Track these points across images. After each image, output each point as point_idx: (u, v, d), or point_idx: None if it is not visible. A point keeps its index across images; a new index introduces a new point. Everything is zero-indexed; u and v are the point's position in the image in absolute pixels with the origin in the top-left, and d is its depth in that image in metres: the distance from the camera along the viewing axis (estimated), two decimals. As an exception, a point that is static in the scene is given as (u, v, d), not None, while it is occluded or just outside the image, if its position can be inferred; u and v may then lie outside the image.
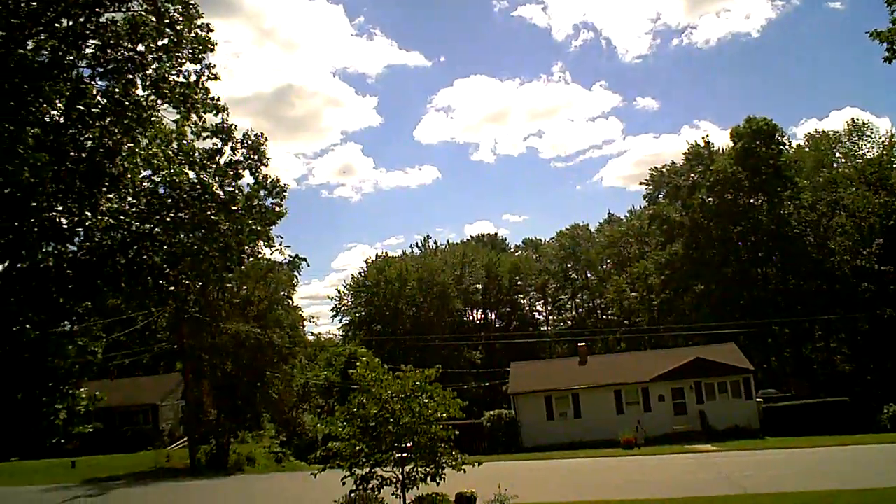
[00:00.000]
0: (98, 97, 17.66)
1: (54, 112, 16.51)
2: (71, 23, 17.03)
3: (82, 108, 17.51)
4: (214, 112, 17.80)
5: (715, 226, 68.22)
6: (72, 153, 17.18)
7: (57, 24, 16.30)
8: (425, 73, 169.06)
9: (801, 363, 66.45)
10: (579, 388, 46.91)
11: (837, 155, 73.05)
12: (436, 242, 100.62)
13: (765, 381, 57.93)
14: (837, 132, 74.04)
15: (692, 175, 72.74)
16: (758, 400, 45.70)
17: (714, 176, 68.37)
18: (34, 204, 16.41)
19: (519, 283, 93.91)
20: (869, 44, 23.34)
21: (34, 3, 15.74)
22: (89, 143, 17.75)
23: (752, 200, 68.45)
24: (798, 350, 66.92)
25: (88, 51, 17.40)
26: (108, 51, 17.32)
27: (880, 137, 69.35)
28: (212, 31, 17.38)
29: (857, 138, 71.32)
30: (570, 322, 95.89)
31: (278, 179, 19.22)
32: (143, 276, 18.34)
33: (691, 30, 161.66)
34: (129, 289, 18.15)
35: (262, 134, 18.44)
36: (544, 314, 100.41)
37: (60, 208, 17.75)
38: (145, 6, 16.97)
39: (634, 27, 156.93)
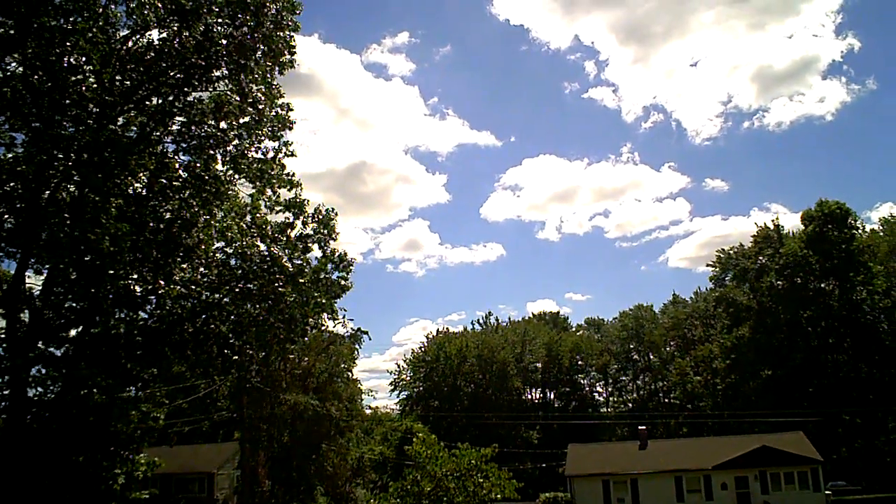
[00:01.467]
0: (180, 171, 18.33)
1: (137, 185, 17.17)
2: (160, 101, 17.82)
3: (164, 181, 18.16)
4: (288, 187, 18.33)
5: (783, 310, 66.14)
6: (150, 224, 17.74)
7: (147, 102, 17.08)
8: (495, 152, 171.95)
9: (872, 455, 62.94)
10: (638, 473, 45.26)
11: (913, 240, 70.57)
12: (497, 319, 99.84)
13: (834, 473, 54.96)
14: (914, 216, 71.74)
15: (760, 258, 71.01)
16: (826, 492, 43.31)
17: (784, 259, 66.66)
18: (111, 272, 16.91)
19: (580, 362, 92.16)
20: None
21: (127, 83, 16.59)
22: (168, 214, 18.34)
23: (822, 285, 66.32)
24: (870, 441, 63.48)
25: (174, 127, 18.17)
26: (193, 127, 18.07)
27: (957, 224, 66.96)
28: (291, 110, 18.07)
29: (933, 224, 69.03)
30: (630, 404, 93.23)
31: (345, 254, 19.53)
32: (209, 345, 18.63)
33: (763, 112, 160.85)
34: (194, 357, 18.46)
35: (332, 209, 18.85)
36: (604, 395, 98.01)
37: (135, 276, 18.24)
38: (230, 86, 17.72)
39: (705, 109, 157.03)
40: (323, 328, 19.34)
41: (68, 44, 16.07)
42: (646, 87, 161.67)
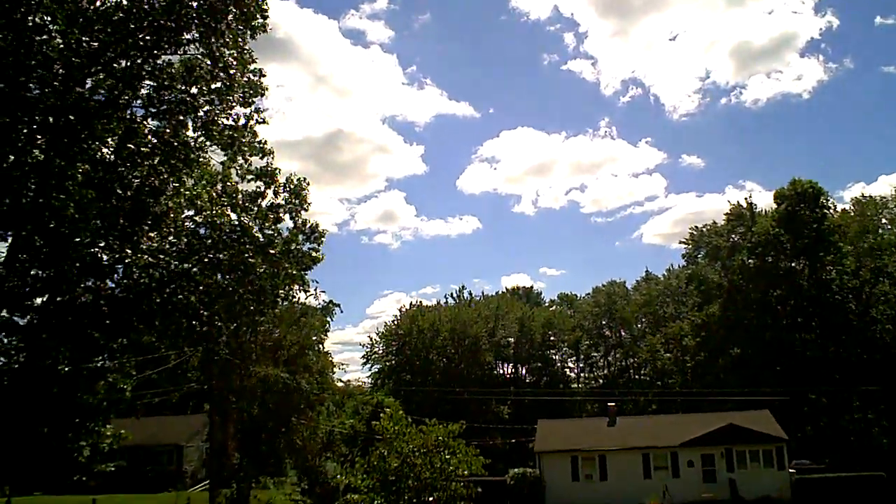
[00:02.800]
0: (149, 137, 17.91)
1: (105, 150, 16.72)
2: (129, 64, 17.32)
3: (132, 147, 17.71)
4: (260, 155, 17.99)
5: (754, 289, 66.85)
6: (118, 191, 17.32)
7: (115, 65, 16.61)
8: (472, 123, 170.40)
9: (837, 434, 64.24)
10: (607, 449, 45.69)
11: (884, 221, 71.51)
12: (471, 294, 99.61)
13: (799, 451, 55.98)
14: (884, 197, 72.33)
15: (733, 236, 71.66)
16: (791, 470, 44.06)
17: (755, 238, 67.24)
18: (77, 240, 16.50)
19: (552, 338, 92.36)
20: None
21: (95, 45, 16.08)
22: (136, 181, 17.91)
23: (793, 264, 67.10)
24: (835, 420, 64.75)
25: (143, 91, 17.71)
26: (163, 92, 17.62)
27: (928, 204, 68.00)
28: (264, 76, 17.67)
29: (903, 204, 69.97)
30: (601, 380, 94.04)
31: (317, 225, 19.28)
32: (178, 316, 18.33)
33: (740, 90, 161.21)
34: (162, 327, 18.14)
35: (304, 178, 18.54)
36: (576, 371, 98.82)
37: (102, 245, 17.83)
38: (201, 50, 17.28)
39: (683, 85, 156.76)
40: (294, 300, 19.13)
41: (33, 1, 15.52)
42: (625, 61, 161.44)
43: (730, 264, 68.99)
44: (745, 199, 77.34)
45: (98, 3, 16.87)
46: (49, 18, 15.58)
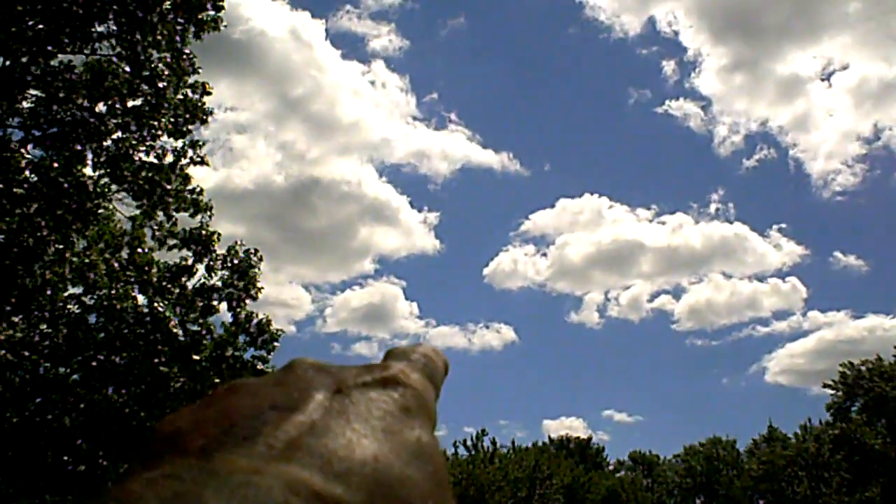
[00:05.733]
0: (25, 172, 12.51)
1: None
2: (7, 62, 12.07)
3: (1, 186, 12.28)
4: (192, 211, 12.56)
5: None
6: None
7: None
8: (516, 184, 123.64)
9: None
10: None
11: None
12: (494, 443, 76.80)
13: None
14: None
15: None
16: None
17: None
18: None
19: None
20: None
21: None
22: (1, 237, 12.44)
23: None
24: None
25: (25, 104, 12.40)
26: (54, 108, 12.32)
27: None
28: (209, 93, 12.26)
29: None
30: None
31: (268, 321, 13.81)
32: (42, 448, 12.54)
33: None
34: (13, 469, 12.15)
35: (255, 250, 13.15)
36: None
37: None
38: (118, 50, 11.91)
39: (840, 148, 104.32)
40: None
41: None
42: (753, 106, 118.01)
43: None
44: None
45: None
46: None
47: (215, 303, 13.29)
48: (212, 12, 11.86)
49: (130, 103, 12.03)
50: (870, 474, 53.38)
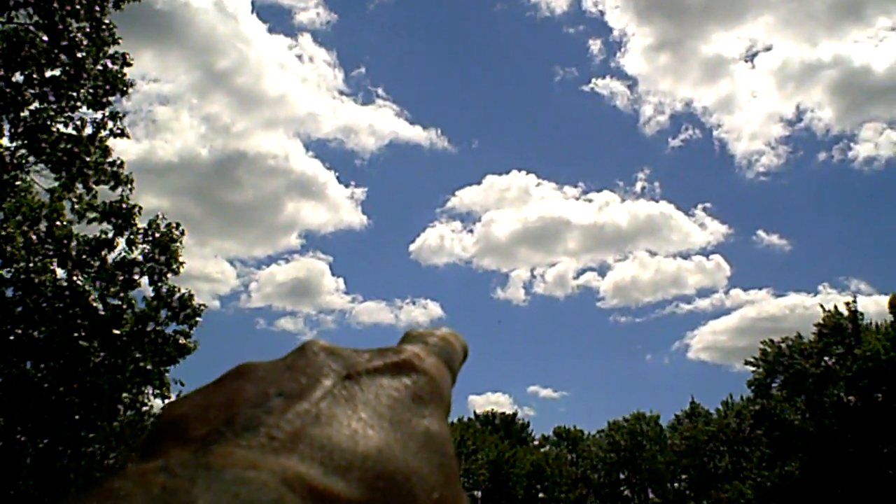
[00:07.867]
0: None
1: None
2: None
3: None
4: (112, 184, 12.36)
5: (855, 439, 53.58)
6: None
7: None
8: (443, 159, 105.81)
9: None
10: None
11: None
12: None
13: None
14: None
15: (826, 358, 55.76)
16: None
17: (860, 363, 53.34)
18: None
19: (541, 494, 69.34)
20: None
21: None
22: None
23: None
24: None
25: None
26: None
27: None
28: (129, 64, 12.11)
29: None
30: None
31: (190, 296, 13.67)
32: None
33: (848, 142, 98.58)
34: None
35: (177, 224, 12.98)
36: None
37: None
38: (36, 18, 11.56)
39: (763, 130, 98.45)
40: (146, 408, 13.21)
41: None
42: (678, 86, 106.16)
43: (820, 400, 54.96)
44: (847, 303, 56.11)
45: None
46: None
47: (136, 277, 13.10)
48: (133, -17, 11.69)
49: (48, 73, 11.75)
50: (789, 449, 53.69)
